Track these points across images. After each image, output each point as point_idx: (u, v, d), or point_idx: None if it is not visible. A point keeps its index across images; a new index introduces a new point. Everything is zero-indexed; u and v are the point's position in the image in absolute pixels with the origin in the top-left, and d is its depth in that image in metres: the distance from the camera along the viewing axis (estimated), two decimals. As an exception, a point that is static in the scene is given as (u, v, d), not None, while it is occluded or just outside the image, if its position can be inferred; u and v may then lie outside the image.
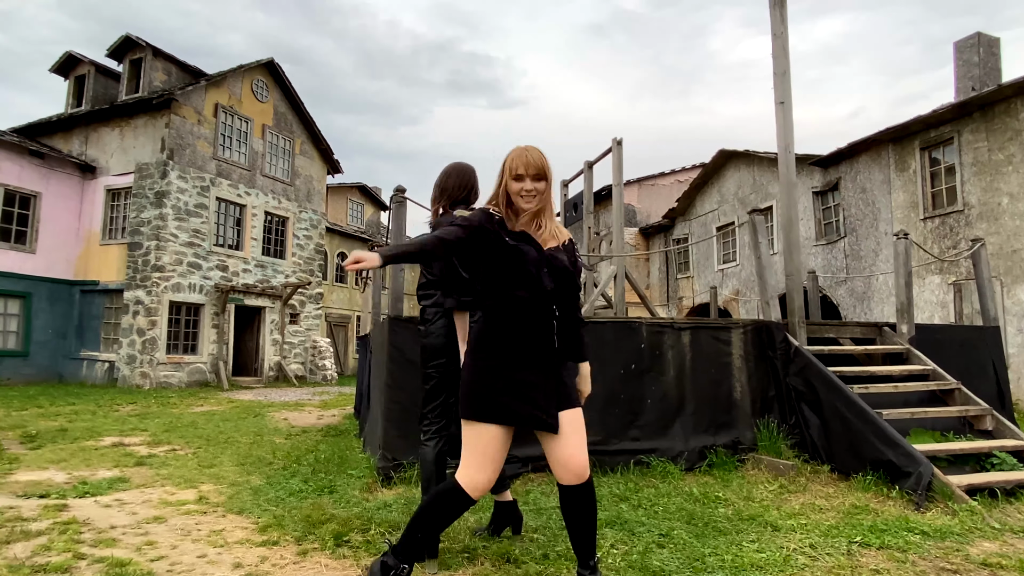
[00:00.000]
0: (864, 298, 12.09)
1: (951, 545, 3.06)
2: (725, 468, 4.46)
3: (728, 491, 4.00)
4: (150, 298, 13.75)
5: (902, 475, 3.88)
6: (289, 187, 17.75)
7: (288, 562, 2.72)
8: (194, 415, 8.59)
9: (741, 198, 16.00)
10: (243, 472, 4.59)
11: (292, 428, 7.34)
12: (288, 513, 3.39)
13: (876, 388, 4.59)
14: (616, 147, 6.71)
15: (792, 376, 4.77)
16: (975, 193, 9.97)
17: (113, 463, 5.01)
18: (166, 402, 10.48)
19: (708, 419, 4.64)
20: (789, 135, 5.17)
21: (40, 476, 4.53)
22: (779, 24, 5.29)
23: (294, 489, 3.90)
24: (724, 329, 4.84)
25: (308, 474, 4.33)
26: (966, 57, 12.21)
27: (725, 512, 3.54)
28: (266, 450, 5.64)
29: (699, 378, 4.68)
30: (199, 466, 4.86)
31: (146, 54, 15.29)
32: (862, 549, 2.97)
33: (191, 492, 4.02)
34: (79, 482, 4.30)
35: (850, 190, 12.55)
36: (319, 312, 18.88)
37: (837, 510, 3.66)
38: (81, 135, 15.59)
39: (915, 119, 10.84)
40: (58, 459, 5.15)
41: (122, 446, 5.92)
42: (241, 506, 3.61)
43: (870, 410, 4.18)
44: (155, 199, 14.10)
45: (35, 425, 7.19)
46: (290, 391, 14.04)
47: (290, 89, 17.55)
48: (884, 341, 5.33)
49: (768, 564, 2.70)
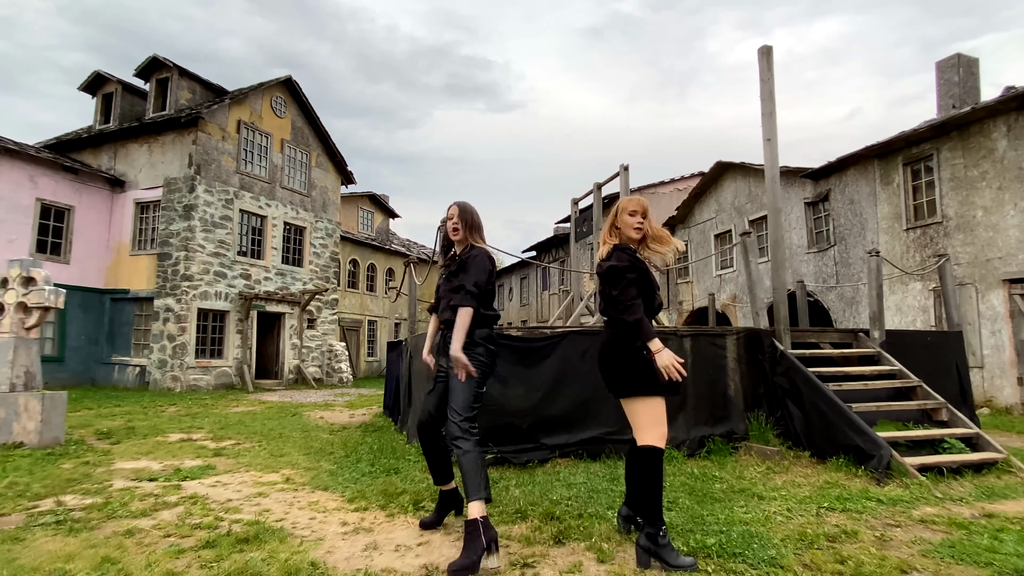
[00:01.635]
0: (853, 302, 12.91)
1: (899, 509, 3.85)
2: (721, 454, 5.26)
3: (723, 471, 4.80)
4: (180, 305, 14.55)
5: (867, 457, 4.68)
6: (306, 198, 18.57)
7: (381, 522, 3.51)
8: (237, 415, 9.38)
9: (737, 207, 16.83)
10: (312, 460, 5.39)
11: (332, 425, 8.13)
12: (367, 488, 4.19)
13: (849, 385, 5.40)
14: (623, 172, 7.50)
15: (778, 376, 5.57)
16: (952, 206, 10.79)
17: (194, 454, 5.79)
18: (203, 404, 11.27)
19: (707, 413, 5.44)
20: (775, 167, 5.97)
21: (138, 465, 5.31)
22: (766, 71, 6.09)
23: (364, 471, 4.70)
24: (720, 336, 5.65)
25: (371, 460, 5.13)
26: (947, 76, 13.05)
27: (720, 487, 4.34)
28: (320, 443, 6.44)
29: (699, 378, 5.48)
30: (271, 455, 5.65)
31: (172, 74, 16.12)
32: (827, 512, 3.77)
33: (276, 475, 4.81)
34: (174, 469, 5.07)
35: (839, 201, 13.37)
36: (334, 317, 19.69)
37: (812, 485, 4.45)
38: (110, 151, 16.41)
39: (898, 136, 11.66)
40: (144, 452, 5.93)
41: (190, 440, 6.70)
42: (325, 484, 4.40)
43: (842, 404, 4.98)
44: (183, 212, 14.91)
45: (100, 424, 7.98)
46: (311, 393, 14.83)
47: (306, 104, 18.38)
48: (859, 345, 6.14)
49: (753, 521, 3.50)
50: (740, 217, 16.62)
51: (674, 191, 21.37)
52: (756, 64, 6.17)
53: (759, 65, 6.16)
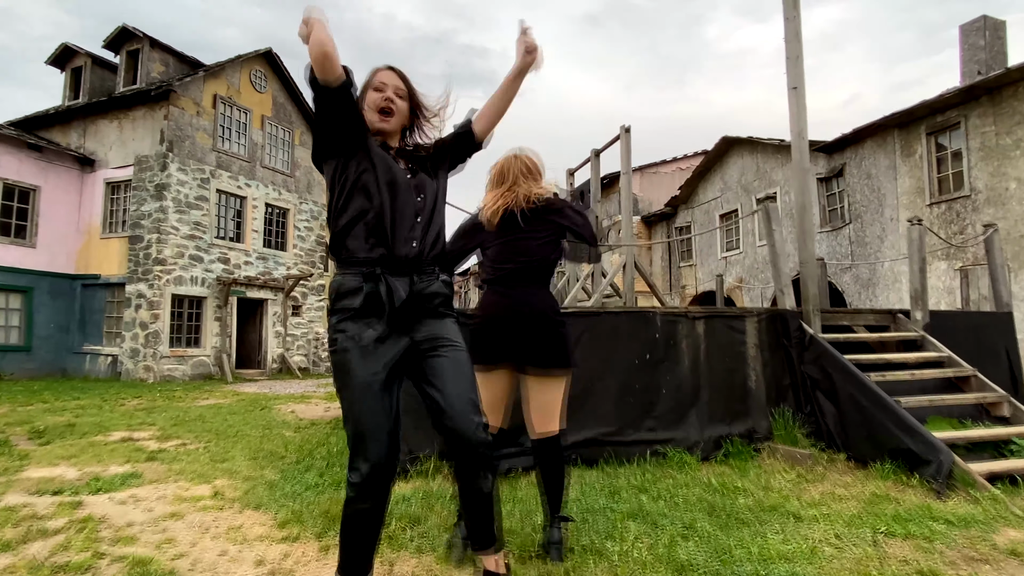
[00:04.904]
0: (869, 284, 12.06)
1: (976, 533, 3.03)
2: (741, 457, 4.44)
3: (746, 481, 3.97)
4: (152, 291, 13.69)
5: (921, 463, 3.86)
6: (289, 178, 17.64)
7: (311, 559, 2.69)
8: (201, 409, 8.56)
9: (744, 185, 15.92)
10: (256, 466, 4.56)
11: (300, 421, 7.32)
12: (306, 508, 3.36)
13: (892, 375, 4.56)
14: (624, 135, 6.63)
15: (807, 364, 4.74)
16: (982, 178, 9.90)
17: (124, 458, 4.97)
18: (171, 396, 10.45)
19: (723, 408, 4.61)
20: (803, 120, 5.10)
21: (51, 472, 4.49)
22: (791, 8, 5.20)
23: (310, 483, 3.87)
24: (738, 318, 4.81)
25: (323, 468, 4.30)
26: (972, 41, 12.09)
27: (745, 502, 3.52)
28: (277, 443, 5.62)
29: (714, 367, 4.65)
30: (211, 460, 4.82)
31: (143, 45, 15.13)
32: (887, 539, 2.95)
33: (206, 487, 3.99)
34: (92, 478, 4.27)
35: (855, 176, 12.47)
36: (321, 303, 18.84)
37: (857, 499, 3.64)
38: (79, 128, 15.46)
39: (921, 104, 10.75)
40: (68, 455, 5.11)
41: (132, 441, 5.88)
42: (258, 501, 3.58)
43: (888, 398, 4.15)
44: (155, 192, 14.00)
45: (42, 420, 7.15)
46: (294, 383, 14.03)
47: (289, 79, 17.39)
48: (898, 328, 5.29)
49: (795, 555, 2.68)
50: (747, 195, 15.73)
51: (676, 170, 20.43)
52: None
53: (783, 2, 5.27)
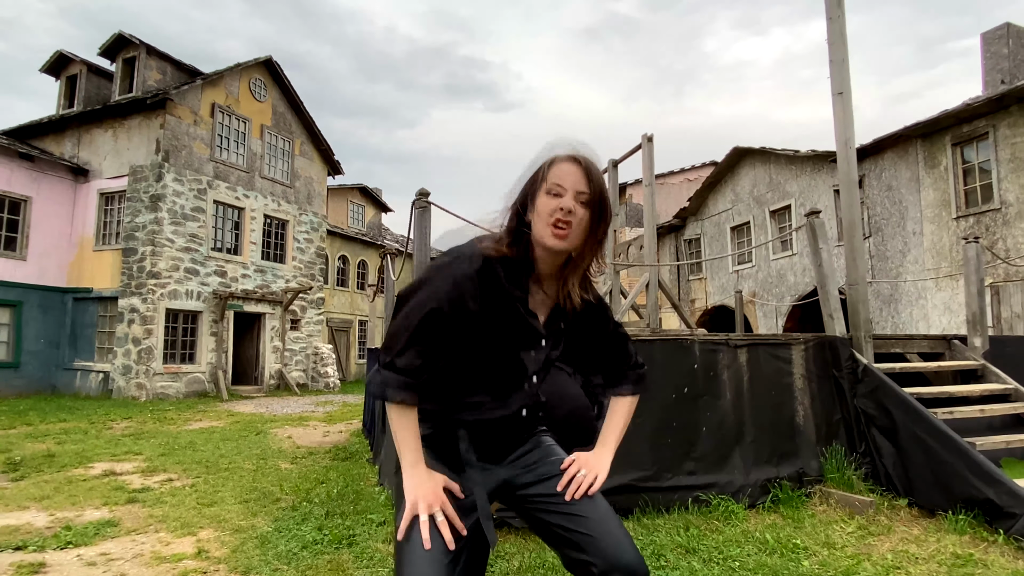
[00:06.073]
0: (891, 301, 11.60)
1: (1093, 612, 2.56)
2: (791, 504, 3.95)
3: (802, 534, 3.49)
4: (145, 306, 13.21)
5: (1004, 515, 3.38)
6: (289, 189, 17.22)
7: (308, 653, 2.21)
8: (192, 433, 8.06)
9: (756, 197, 15.50)
10: (247, 512, 4.07)
11: (298, 449, 6.83)
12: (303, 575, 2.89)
13: (960, 412, 4.09)
14: (647, 144, 6.20)
15: (861, 398, 4.27)
16: (1013, 191, 9.48)
17: (102, 500, 4.49)
18: (163, 417, 9.95)
19: (770, 448, 4.13)
20: (849, 128, 4.67)
21: (19, 519, 4.01)
22: (835, 7, 4.79)
23: (307, 540, 3.38)
24: (784, 346, 4.34)
25: (322, 517, 3.80)
26: (994, 49, 11.72)
27: (810, 567, 3.04)
28: (272, 479, 5.13)
29: (758, 402, 4.18)
30: (198, 504, 4.33)
31: (140, 52, 14.75)
32: (993, 621, 2.47)
33: (188, 541, 3.51)
34: (62, 527, 3.80)
35: (875, 188, 12.06)
36: (320, 317, 18.36)
37: (937, 560, 3.16)
38: (73, 137, 15.05)
39: (945, 113, 10.35)
40: (41, 495, 4.63)
41: (113, 475, 5.39)
42: (247, 563, 3.09)
43: (959, 439, 3.68)
44: (150, 203, 13.56)
45: (21, 448, 6.67)
46: (292, 401, 13.52)
47: (289, 88, 17.02)
48: (955, 356, 4.83)
49: (897, 651, 2.20)
50: (760, 208, 15.31)
51: (684, 181, 20.03)
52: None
53: (827, 2, 4.85)
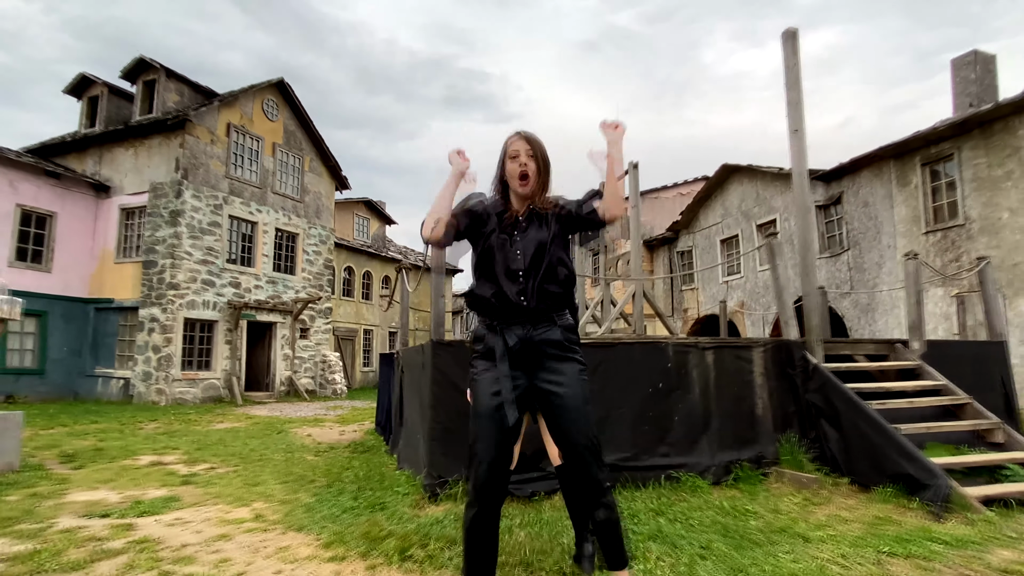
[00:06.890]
0: (868, 310, 12.34)
1: (971, 554, 3.27)
2: (750, 482, 4.67)
3: (756, 504, 4.21)
4: (165, 315, 13.95)
5: (921, 487, 4.10)
6: (299, 204, 18.01)
7: (360, 576, 2.93)
8: (219, 432, 8.77)
9: (744, 211, 16.29)
10: (289, 490, 4.79)
11: (319, 445, 7.53)
12: (347, 530, 3.60)
13: (892, 404, 4.82)
14: (632, 170, 6.97)
15: (811, 392, 5.00)
16: (976, 208, 10.25)
17: (159, 482, 5.20)
18: (186, 419, 10.65)
19: (732, 435, 4.86)
20: (803, 162, 5.43)
21: (94, 496, 4.72)
22: (791, 57, 5.56)
23: (346, 506, 4.10)
24: (746, 348, 5.08)
25: (355, 491, 4.53)
26: (963, 74, 12.54)
27: (756, 524, 3.75)
28: (302, 467, 5.84)
29: (723, 395, 4.91)
30: (244, 484, 5.05)
31: (159, 75, 15.59)
32: (890, 558, 3.18)
33: (245, 510, 4.22)
34: (133, 502, 4.49)
35: (852, 204, 12.83)
36: (329, 326, 19.09)
37: (861, 521, 3.87)
38: (95, 155, 15.85)
39: (915, 135, 11.14)
40: (105, 479, 5.34)
41: (161, 465, 6.10)
42: (299, 523, 3.81)
43: (888, 425, 4.41)
44: (170, 218, 14.34)
45: (69, 444, 7.37)
46: (303, 406, 14.22)
47: (299, 107, 17.86)
48: (897, 357, 5.57)
49: (805, 574, 2.91)
50: (748, 221, 16.08)
51: (677, 196, 20.84)
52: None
53: (783, 51, 5.63)
